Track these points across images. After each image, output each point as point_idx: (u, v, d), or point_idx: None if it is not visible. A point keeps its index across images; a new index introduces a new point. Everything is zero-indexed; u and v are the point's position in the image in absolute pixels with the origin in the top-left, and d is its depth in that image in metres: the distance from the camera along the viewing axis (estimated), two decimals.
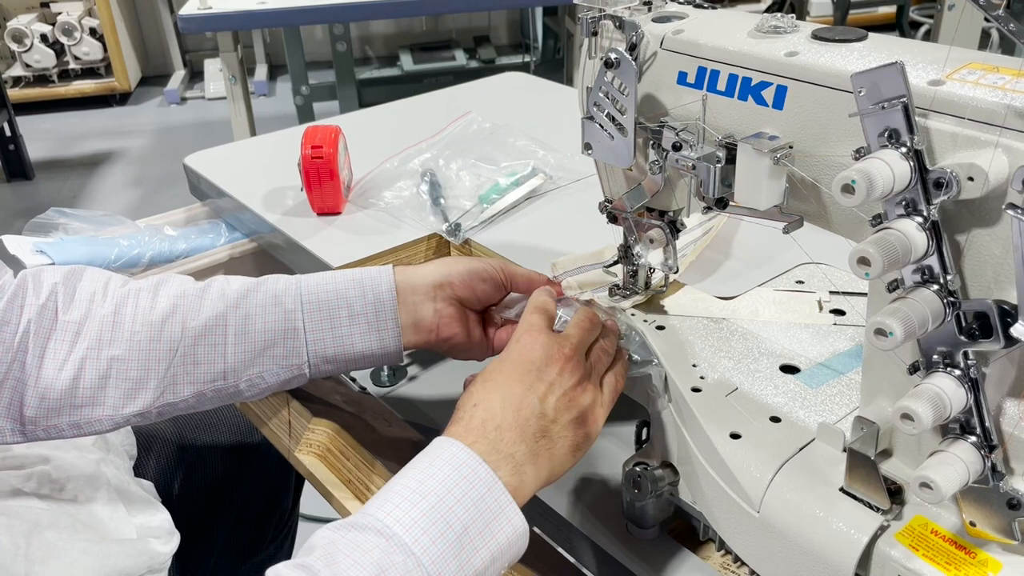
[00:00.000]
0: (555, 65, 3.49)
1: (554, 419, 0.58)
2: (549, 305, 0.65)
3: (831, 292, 0.76)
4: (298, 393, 0.76)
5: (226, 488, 0.97)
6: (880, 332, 0.45)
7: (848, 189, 0.44)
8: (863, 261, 0.45)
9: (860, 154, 0.48)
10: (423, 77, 3.76)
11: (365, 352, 0.67)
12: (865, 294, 0.75)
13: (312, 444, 0.72)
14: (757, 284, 0.79)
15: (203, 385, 0.65)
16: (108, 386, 0.64)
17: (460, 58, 3.90)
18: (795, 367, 0.67)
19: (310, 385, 0.82)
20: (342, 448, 0.72)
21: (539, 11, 3.63)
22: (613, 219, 0.72)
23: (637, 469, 0.68)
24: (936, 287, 0.47)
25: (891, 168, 0.45)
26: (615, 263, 0.77)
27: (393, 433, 0.78)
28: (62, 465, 0.72)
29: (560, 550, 0.72)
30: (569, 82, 2.39)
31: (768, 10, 3.42)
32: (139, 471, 0.85)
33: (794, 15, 0.58)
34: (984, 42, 3.45)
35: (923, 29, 3.96)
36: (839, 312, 0.74)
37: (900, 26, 3.87)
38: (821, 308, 0.74)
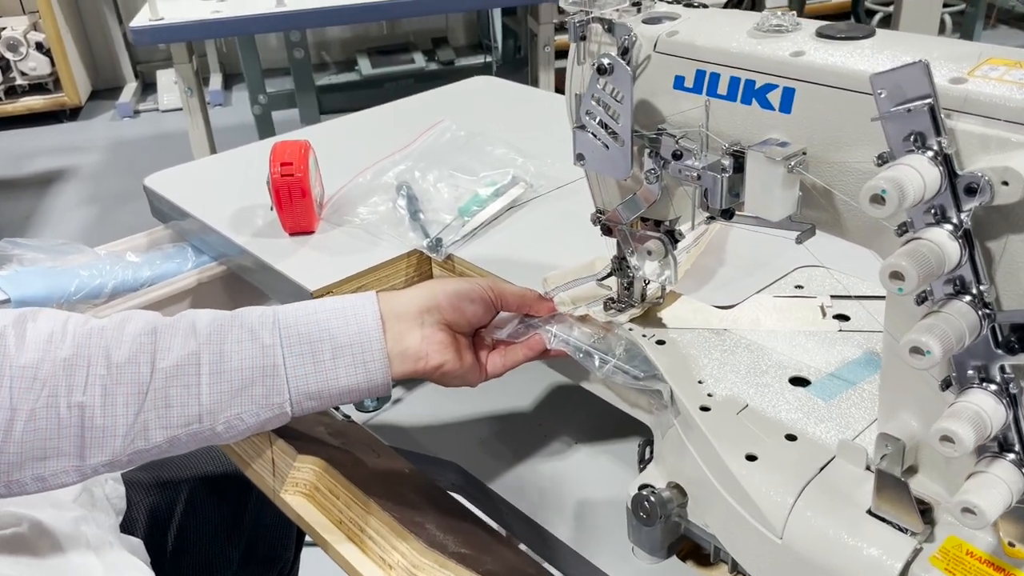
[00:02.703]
0: (517, 65, 3.46)
1: None
2: None
3: (832, 296, 0.74)
4: (280, 429, 0.72)
5: (222, 543, 0.92)
6: (916, 351, 0.43)
7: (878, 199, 0.41)
8: (896, 276, 0.42)
9: (883, 160, 0.45)
10: (383, 81, 3.71)
11: (351, 387, 0.63)
12: (868, 297, 0.73)
13: (298, 483, 0.68)
14: (755, 291, 0.76)
15: (177, 429, 0.61)
16: (72, 435, 0.59)
17: (419, 60, 3.85)
18: (805, 379, 0.64)
19: (294, 419, 0.77)
20: (331, 486, 0.67)
21: (498, 11, 3.60)
22: (607, 231, 0.68)
23: (644, 493, 0.65)
24: (968, 298, 0.45)
25: (921, 175, 0.42)
26: (608, 275, 0.73)
27: (383, 465, 0.74)
28: (37, 526, 0.67)
29: None
30: (534, 83, 2.36)
31: (726, 5, 3.42)
32: (127, 527, 0.80)
33: (795, 12, 0.55)
34: (940, 30, 3.49)
35: (878, 17, 3.99)
36: (843, 317, 0.71)
37: (856, 15, 3.90)
38: (824, 314, 0.72)
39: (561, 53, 2.57)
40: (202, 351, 0.61)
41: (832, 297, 0.73)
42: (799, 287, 0.76)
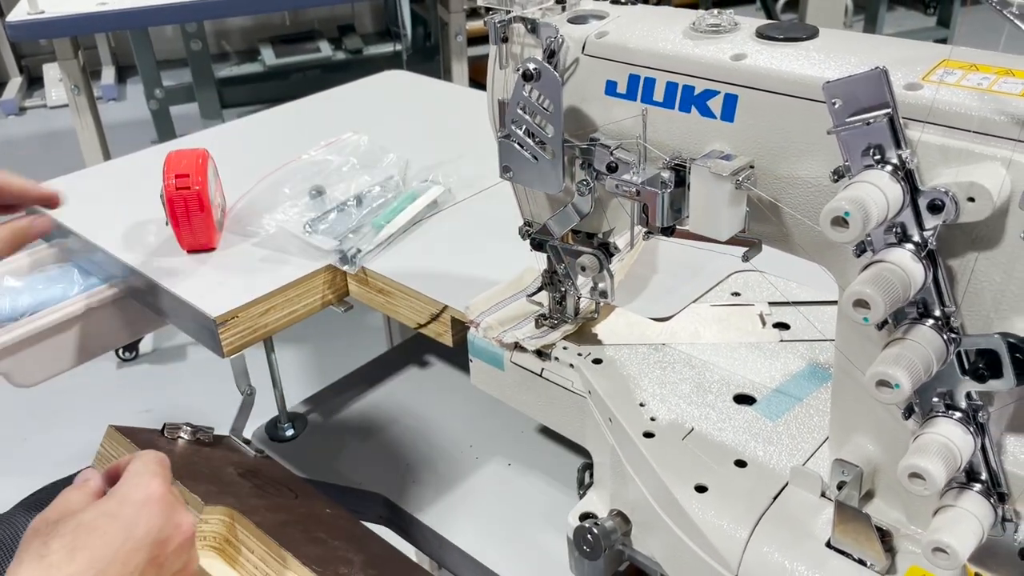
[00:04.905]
0: (428, 53, 3.37)
1: None
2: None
3: (771, 303, 0.71)
4: (185, 473, 0.65)
5: None
6: (884, 384, 0.39)
7: (840, 223, 0.38)
8: (861, 304, 0.38)
9: (839, 175, 0.42)
10: (288, 72, 3.56)
11: None
12: (807, 303, 0.70)
13: (207, 537, 0.61)
14: (692, 300, 0.72)
15: None
16: None
17: (325, 49, 3.71)
18: (750, 397, 0.61)
19: (200, 460, 0.70)
20: (244, 538, 0.61)
21: None
22: (538, 246, 0.63)
23: (586, 525, 0.61)
24: (931, 322, 0.42)
25: (884, 193, 0.38)
26: (539, 290, 0.69)
27: (301, 507, 0.67)
28: None
29: None
30: (447, 73, 2.29)
31: None
32: None
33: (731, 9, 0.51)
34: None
35: (782, 1, 4.04)
36: (783, 326, 0.68)
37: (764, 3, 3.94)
38: (764, 323, 0.69)
39: (474, 39, 2.51)
40: None
41: (770, 304, 0.71)
42: (736, 294, 0.73)
